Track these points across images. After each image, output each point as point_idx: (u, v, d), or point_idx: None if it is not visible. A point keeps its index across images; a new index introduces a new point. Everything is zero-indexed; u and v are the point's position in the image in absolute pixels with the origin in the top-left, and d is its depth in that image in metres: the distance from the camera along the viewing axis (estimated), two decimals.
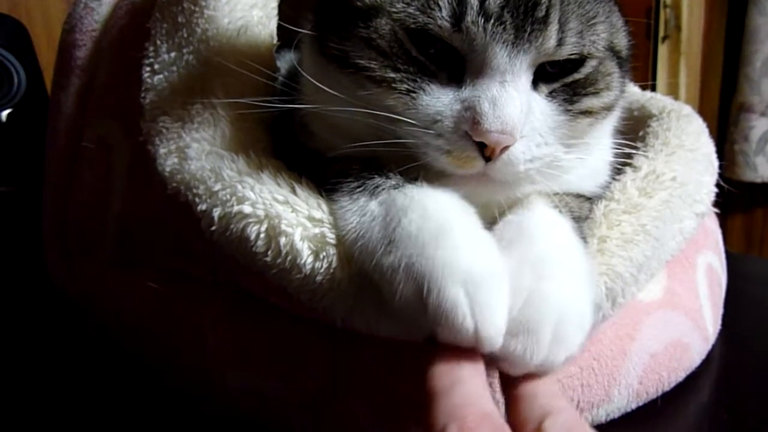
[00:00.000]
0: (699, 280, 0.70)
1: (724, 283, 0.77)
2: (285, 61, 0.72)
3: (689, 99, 2.23)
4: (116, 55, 0.70)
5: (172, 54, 0.61)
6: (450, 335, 0.41)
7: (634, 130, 0.78)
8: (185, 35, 0.60)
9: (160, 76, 0.61)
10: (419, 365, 0.52)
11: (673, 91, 2.19)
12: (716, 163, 0.73)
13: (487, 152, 0.47)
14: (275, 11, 0.65)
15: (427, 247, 0.43)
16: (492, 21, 0.46)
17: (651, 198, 0.60)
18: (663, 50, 2.20)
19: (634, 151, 0.62)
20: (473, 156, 0.47)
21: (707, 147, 0.74)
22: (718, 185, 0.71)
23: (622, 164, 0.64)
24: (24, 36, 1.07)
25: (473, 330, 0.41)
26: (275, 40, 0.64)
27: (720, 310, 0.74)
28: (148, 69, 0.62)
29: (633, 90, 0.96)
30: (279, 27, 0.66)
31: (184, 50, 0.60)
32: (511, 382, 0.45)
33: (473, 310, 0.41)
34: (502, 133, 0.46)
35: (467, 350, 0.42)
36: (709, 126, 0.78)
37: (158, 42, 0.62)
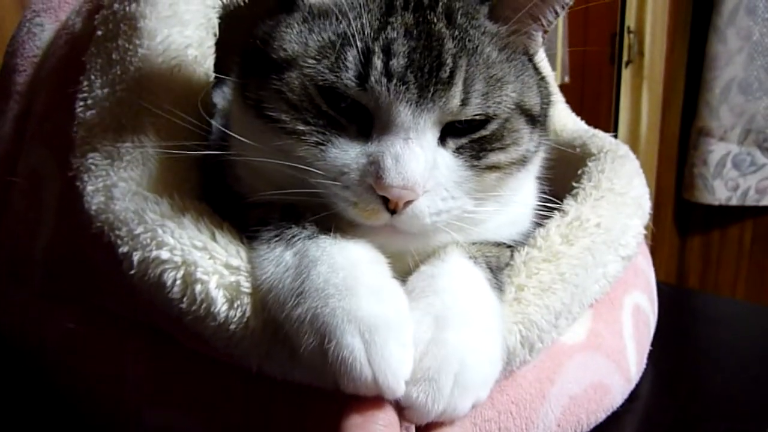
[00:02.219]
0: (624, 320, 0.72)
1: (652, 322, 0.79)
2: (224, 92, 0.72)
3: (651, 123, 2.28)
4: (53, 85, 0.70)
5: (105, 90, 0.61)
6: (350, 385, 0.42)
7: (575, 167, 0.80)
8: (119, 72, 0.61)
9: (93, 111, 0.61)
10: (331, 411, 0.53)
11: (635, 116, 2.24)
12: (647, 206, 0.75)
13: (390, 205, 0.48)
14: (212, 50, 0.65)
15: (331, 299, 0.44)
16: (395, 81, 0.47)
17: (572, 246, 0.62)
18: (626, 75, 2.25)
19: (556, 206, 0.64)
20: (378, 208, 0.48)
21: (638, 190, 0.75)
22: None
23: (552, 209, 0.65)
24: None
25: (371, 379, 0.42)
26: (212, 78, 0.65)
27: (646, 350, 0.76)
28: (81, 103, 0.61)
29: (579, 126, 0.97)
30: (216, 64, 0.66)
31: (117, 87, 0.60)
32: (422, 429, 0.45)
33: (371, 358, 0.42)
34: (404, 188, 0.47)
35: (377, 401, 0.43)
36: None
37: (93, 77, 0.62)
